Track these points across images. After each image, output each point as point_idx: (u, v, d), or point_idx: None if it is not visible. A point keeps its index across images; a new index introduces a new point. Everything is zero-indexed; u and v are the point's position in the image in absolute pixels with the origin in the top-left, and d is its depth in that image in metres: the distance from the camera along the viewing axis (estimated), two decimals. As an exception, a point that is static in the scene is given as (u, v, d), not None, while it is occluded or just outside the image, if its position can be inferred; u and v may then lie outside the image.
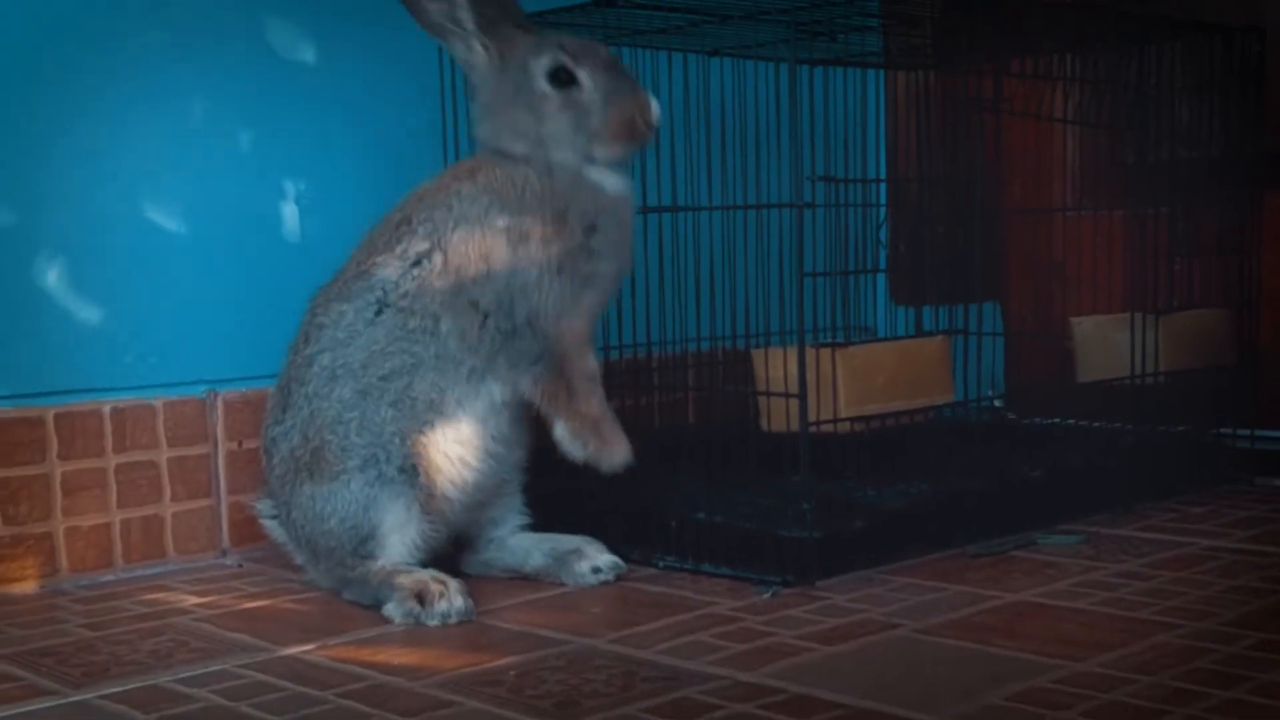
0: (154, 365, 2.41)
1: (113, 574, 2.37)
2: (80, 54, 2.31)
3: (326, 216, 2.58)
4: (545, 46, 2.13)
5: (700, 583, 2.21)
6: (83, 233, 2.33)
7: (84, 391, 2.31)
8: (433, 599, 2.01)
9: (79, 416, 2.32)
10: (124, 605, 2.19)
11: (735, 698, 1.66)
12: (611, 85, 2.12)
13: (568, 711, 1.64)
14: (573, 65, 2.11)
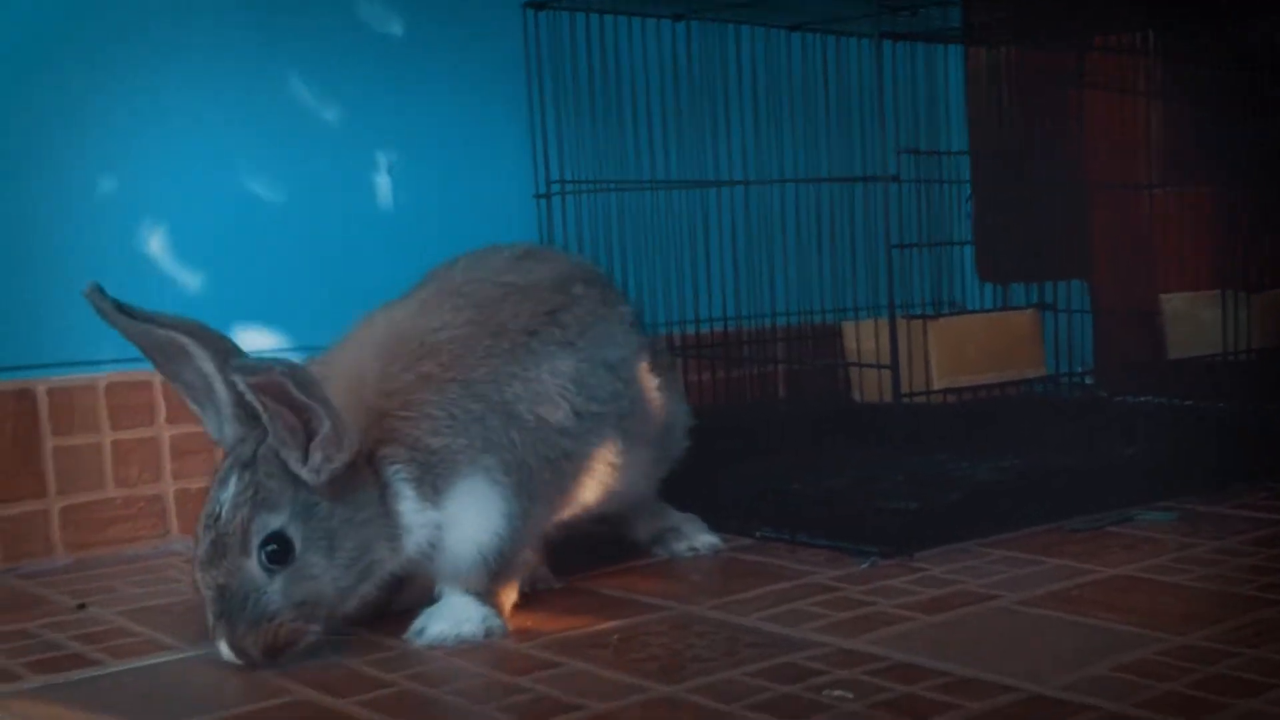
0: (252, 331, 2.46)
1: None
2: (184, 32, 2.37)
3: (416, 187, 2.62)
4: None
5: (797, 553, 2.23)
6: (183, 202, 2.39)
7: (192, 356, 2.36)
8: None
9: (187, 381, 2.38)
10: (231, 566, 2.24)
11: (839, 664, 1.68)
12: None
13: (673, 675, 1.66)
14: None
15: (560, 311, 1.97)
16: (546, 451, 1.88)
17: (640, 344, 2.08)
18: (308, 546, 1.71)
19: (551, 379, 1.91)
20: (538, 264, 2.05)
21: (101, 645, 1.85)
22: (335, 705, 1.59)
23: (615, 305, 2.07)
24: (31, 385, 2.26)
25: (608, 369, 1.98)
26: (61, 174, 2.29)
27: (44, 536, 2.28)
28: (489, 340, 1.89)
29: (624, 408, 2.00)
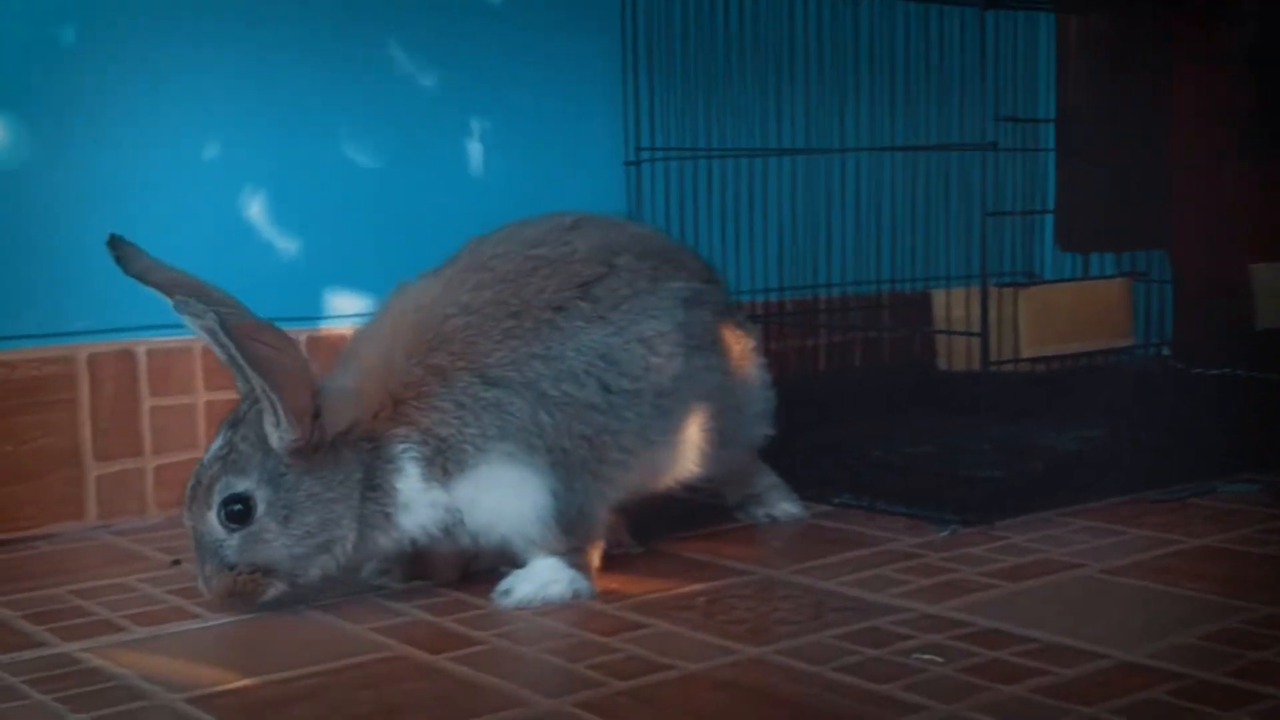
0: (347, 297, 2.50)
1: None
2: (285, 3, 2.41)
3: (508, 154, 2.65)
4: None
5: (877, 520, 2.24)
6: (283, 169, 2.43)
7: (284, 320, 2.37)
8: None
9: (277, 344, 2.43)
10: (320, 526, 2.29)
11: (925, 629, 1.70)
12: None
13: (760, 637, 1.68)
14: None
15: (594, 284, 1.94)
16: (580, 428, 1.87)
17: (690, 319, 2.00)
18: (268, 512, 1.78)
19: (577, 356, 1.89)
20: (583, 234, 2.01)
21: (198, 600, 1.89)
22: (431, 661, 1.63)
23: (666, 279, 2.01)
24: (132, 346, 2.31)
25: (642, 344, 1.94)
26: (165, 140, 2.34)
27: (138, 495, 2.33)
28: (509, 321, 1.88)
29: (663, 384, 1.95)
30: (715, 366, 2.05)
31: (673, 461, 2.02)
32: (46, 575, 2.03)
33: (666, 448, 1.99)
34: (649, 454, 1.96)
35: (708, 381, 2.03)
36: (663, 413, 1.96)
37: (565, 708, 1.47)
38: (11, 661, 1.65)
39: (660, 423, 1.96)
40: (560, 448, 1.85)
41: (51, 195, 2.25)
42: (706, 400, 2.03)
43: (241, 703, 1.50)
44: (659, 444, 1.97)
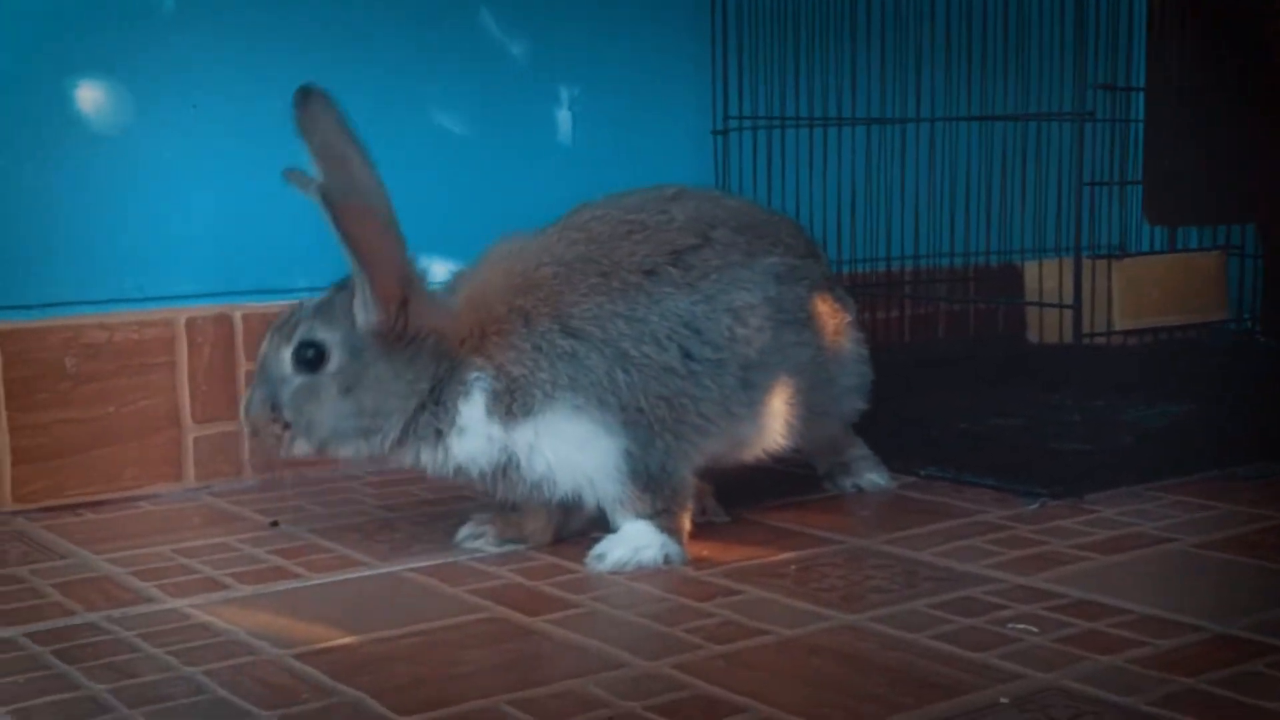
0: (437, 262, 2.52)
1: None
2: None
3: (595, 121, 2.66)
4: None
5: (964, 492, 2.24)
6: (377, 135, 2.44)
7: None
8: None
9: (369, 310, 2.46)
10: (413, 490, 2.32)
11: (1019, 599, 1.70)
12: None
13: (854, 604, 1.70)
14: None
15: (687, 253, 1.96)
16: (658, 389, 1.88)
17: (782, 293, 2.01)
18: (335, 375, 1.84)
19: (661, 320, 1.90)
20: (681, 205, 2.02)
21: (299, 560, 1.93)
22: (530, 622, 1.65)
23: (761, 254, 2.02)
24: (229, 310, 2.36)
25: (729, 314, 1.95)
26: (262, 106, 2.37)
27: (234, 457, 2.38)
28: (596, 278, 1.91)
29: (750, 356, 1.96)
30: (807, 342, 2.05)
31: (758, 434, 2.03)
32: (150, 534, 2.08)
33: (751, 420, 1.99)
34: (731, 425, 1.96)
35: (798, 356, 2.03)
36: (748, 385, 1.96)
37: (664, 670, 1.49)
38: (123, 616, 1.70)
39: (744, 395, 1.96)
40: (635, 406, 1.87)
41: (151, 160, 2.30)
42: (796, 375, 2.03)
43: (347, 659, 1.53)
44: (742, 416, 1.97)
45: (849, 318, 2.16)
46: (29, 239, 2.22)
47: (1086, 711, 1.36)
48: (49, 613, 1.71)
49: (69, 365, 2.23)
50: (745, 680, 1.45)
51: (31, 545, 2.02)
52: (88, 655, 1.55)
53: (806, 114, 2.62)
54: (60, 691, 1.45)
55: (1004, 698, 1.39)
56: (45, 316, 2.22)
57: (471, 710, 1.38)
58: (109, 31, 2.25)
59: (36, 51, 2.20)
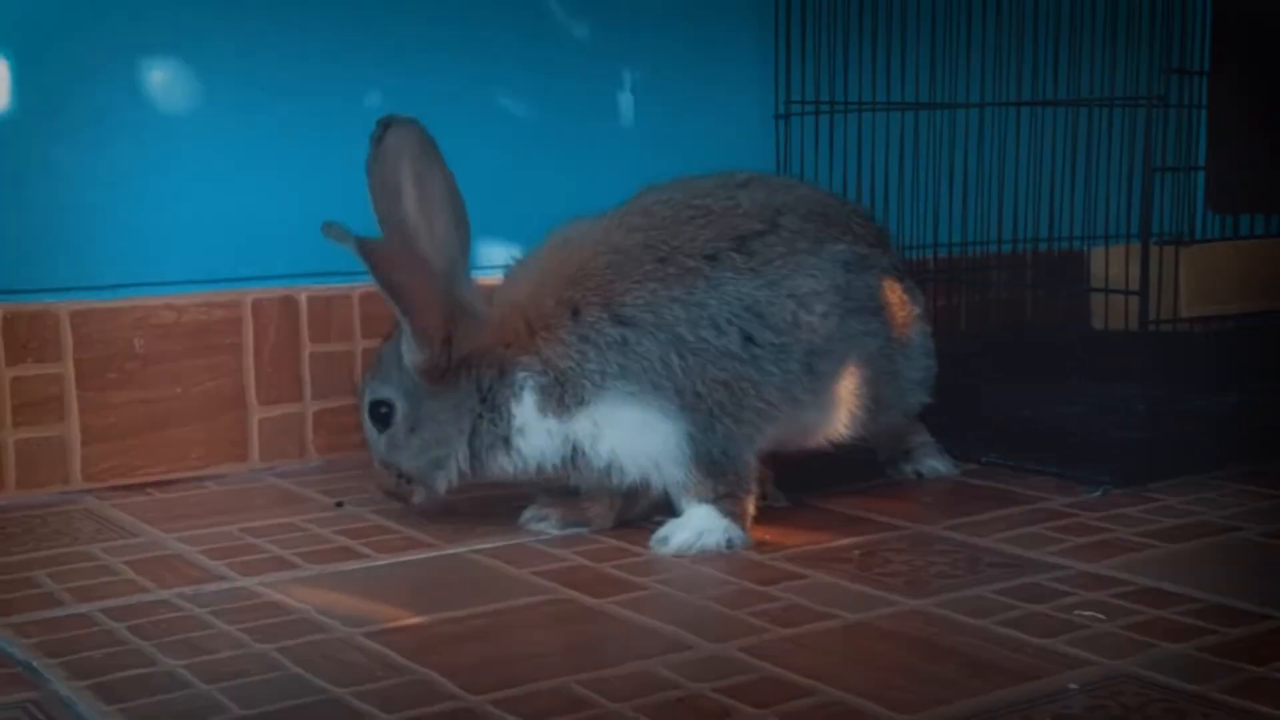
0: (496, 246, 2.54)
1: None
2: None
3: (657, 105, 2.67)
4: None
5: (1026, 479, 2.23)
6: (439, 117, 2.46)
7: (437, 270, 2.46)
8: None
9: (431, 294, 2.48)
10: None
11: (1084, 586, 1.70)
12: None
13: (919, 589, 1.70)
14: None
15: (752, 239, 1.95)
16: (716, 373, 1.88)
17: (849, 281, 2.00)
18: (402, 421, 1.95)
19: (720, 304, 1.90)
20: (750, 191, 2.02)
21: (365, 540, 1.95)
22: (597, 604, 1.66)
23: (830, 241, 2.01)
24: (294, 293, 2.38)
25: (794, 300, 1.94)
26: (328, 89, 2.39)
27: (299, 439, 2.41)
28: (652, 264, 1.91)
29: (815, 343, 1.95)
30: (874, 331, 2.05)
31: (822, 421, 2.03)
32: (218, 513, 2.10)
33: (815, 407, 1.99)
34: (795, 411, 1.96)
35: (865, 346, 2.03)
36: (812, 372, 1.96)
37: (731, 652, 1.50)
38: (195, 593, 1.72)
39: (809, 381, 1.96)
40: (693, 391, 1.87)
41: (219, 143, 2.32)
42: (863, 364, 2.03)
43: (417, 639, 1.55)
44: (806, 403, 1.97)
45: (917, 310, 2.15)
46: (99, 222, 2.25)
47: (1157, 699, 1.35)
48: (123, 589, 1.74)
49: (137, 346, 2.26)
50: (812, 663, 1.46)
51: (102, 523, 2.05)
52: (163, 631, 1.58)
53: (870, 99, 2.61)
54: (138, 666, 1.47)
55: (1073, 684, 1.39)
56: (115, 298, 2.25)
57: (542, 690, 1.39)
58: (177, 13, 2.27)
59: (105, 35, 2.23)
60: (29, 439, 2.19)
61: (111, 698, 1.39)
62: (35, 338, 2.18)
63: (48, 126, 2.20)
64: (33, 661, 1.49)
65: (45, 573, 1.81)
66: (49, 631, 1.58)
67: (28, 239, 2.20)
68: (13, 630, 1.59)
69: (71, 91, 2.21)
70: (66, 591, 1.73)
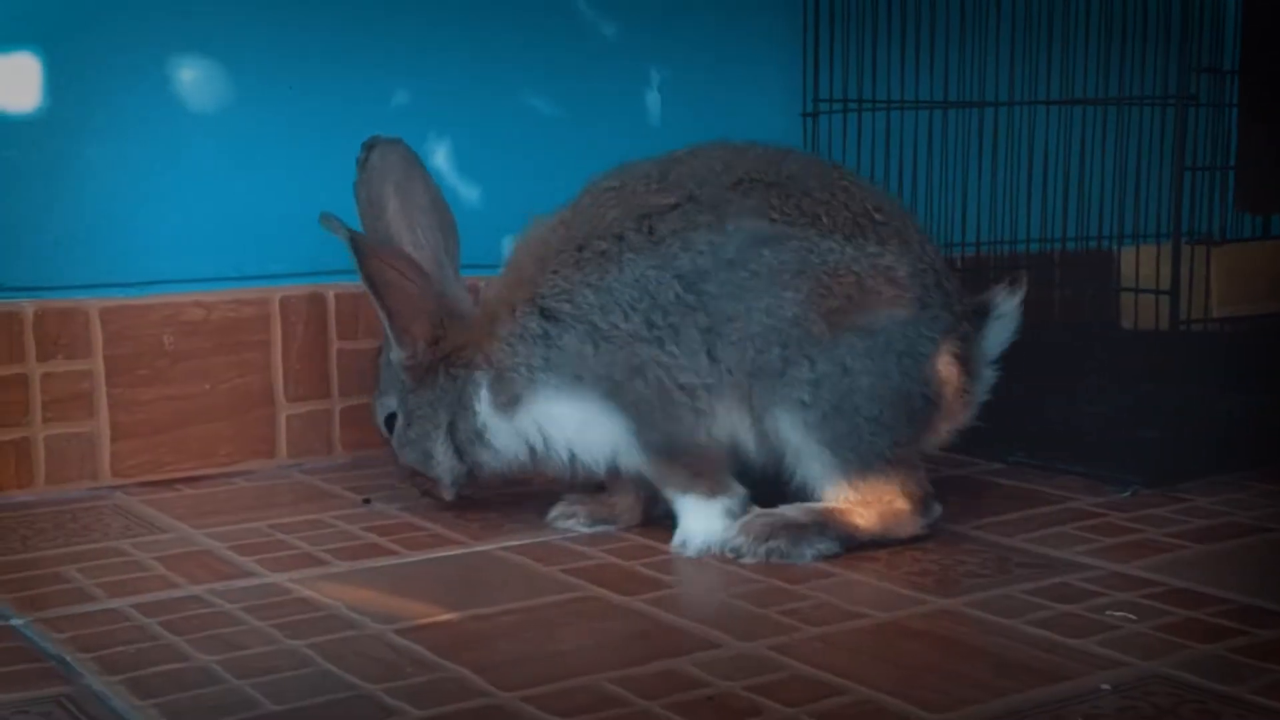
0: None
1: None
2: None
3: (685, 102, 2.67)
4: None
5: (1054, 479, 2.23)
6: (467, 116, 2.48)
7: (465, 267, 2.45)
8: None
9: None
10: (500, 469, 2.34)
11: (1115, 587, 1.69)
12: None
13: (949, 588, 1.69)
14: None
15: (657, 215, 1.87)
16: (630, 360, 1.84)
17: (757, 257, 1.83)
18: (402, 421, 2.01)
19: (623, 288, 1.85)
20: (690, 163, 1.93)
21: (393, 537, 1.96)
22: (626, 602, 1.67)
23: (746, 216, 1.84)
24: (323, 290, 2.39)
25: (679, 280, 1.83)
26: (355, 89, 2.40)
27: (326, 435, 2.41)
28: (572, 252, 1.89)
29: (708, 324, 1.83)
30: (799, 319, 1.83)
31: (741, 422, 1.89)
32: (246, 510, 2.11)
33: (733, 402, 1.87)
34: (717, 402, 1.86)
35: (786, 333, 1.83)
36: (712, 357, 1.85)
37: (760, 650, 1.49)
38: (226, 589, 1.73)
39: (711, 367, 1.85)
40: (611, 380, 1.85)
41: (248, 140, 2.33)
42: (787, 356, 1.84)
43: (447, 636, 1.55)
44: (720, 393, 1.86)
45: (907, 313, 1.87)
46: (129, 219, 2.26)
47: (1189, 699, 1.35)
48: (153, 585, 1.75)
49: (166, 343, 2.27)
50: (843, 662, 1.46)
51: (132, 519, 2.06)
52: (194, 627, 1.59)
53: (898, 97, 2.60)
54: (170, 662, 1.48)
55: (1105, 684, 1.39)
56: (144, 294, 2.26)
57: (574, 688, 1.40)
58: (208, 12, 2.28)
59: (133, 33, 2.23)
60: (59, 435, 2.20)
61: (145, 693, 1.40)
62: (66, 334, 2.19)
63: (78, 124, 2.21)
64: (65, 656, 1.50)
65: (76, 568, 1.82)
66: (81, 626, 1.59)
67: (58, 236, 2.21)
68: (45, 625, 1.60)
69: (101, 90, 2.22)
70: (98, 587, 1.74)
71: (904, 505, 1.86)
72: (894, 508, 1.86)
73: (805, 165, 1.95)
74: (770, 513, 1.86)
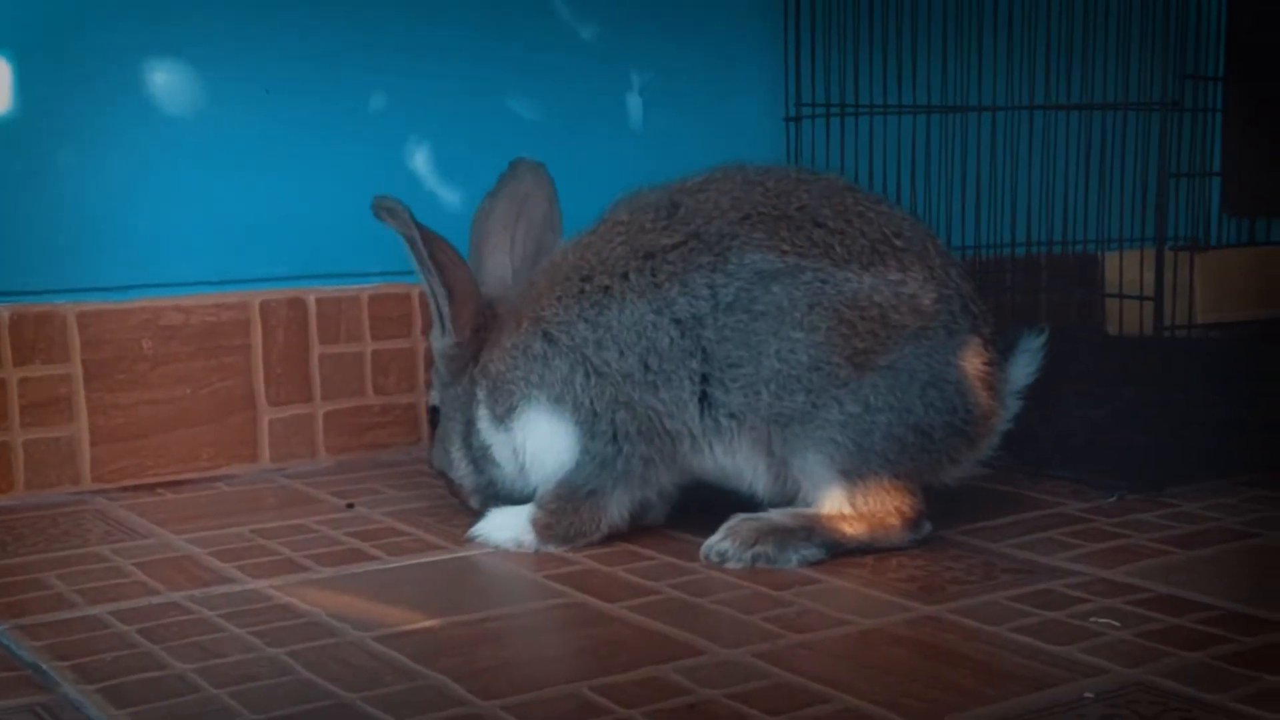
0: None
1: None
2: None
3: (666, 106, 2.66)
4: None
5: (1040, 484, 2.22)
6: (448, 120, 2.47)
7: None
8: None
9: (441, 295, 2.47)
10: (484, 474, 2.33)
11: (1101, 593, 1.68)
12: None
13: (934, 595, 1.69)
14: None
15: (659, 255, 1.86)
16: (616, 394, 1.85)
17: (754, 299, 1.82)
18: (441, 420, 2.03)
19: (621, 329, 1.85)
20: (700, 196, 1.90)
21: (376, 542, 1.95)
22: (609, 609, 1.65)
23: (749, 250, 1.83)
24: (303, 295, 2.37)
25: (676, 325, 1.84)
26: (334, 91, 2.38)
27: (309, 439, 2.40)
28: (578, 281, 1.89)
29: (705, 369, 1.83)
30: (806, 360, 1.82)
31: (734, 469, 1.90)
32: (228, 515, 2.10)
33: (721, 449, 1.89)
34: (698, 451, 1.88)
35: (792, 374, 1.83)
36: (707, 401, 1.85)
37: (744, 658, 1.48)
38: (205, 595, 1.71)
39: (702, 413, 1.86)
40: (590, 409, 1.86)
41: (226, 145, 2.31)
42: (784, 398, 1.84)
43: (430, 643, 1.54)
44: (706, 439, 1.88)
45: (893, 355, 1.84)
46: (107, 223, 2.24)
47: (1173, 708, 1.34)
48: (132, 591, 1.73)
49: (146, 347, 2.26)
50: (827, 670, 1.45)
51: (112, 524, 2.05)
52: (173, 634, 1.57)
53: (881, 101, 2.59)
54: (148, 670, 1.47)
55: (1089, 692, 1.38)
56: (124, 299, 2.24)
57: (555, 696, 1.38)
58: (183, 15, 2.27)
59: (111, 36, 2.22)
60: (38, 439, 2.18)
61: (121, 701, 1.38)
62: (43, 339, 2.18)
63: (55, 128, 2.19)
64: (42, 664, 1.49)
65: (55, 574, 1.80)
66: (59, 634, 1.58)
67: (35, 240, 2.20)
68: (22, 632, 1.58)
69: (78, 93, 2.20)
70: (76, 593, 1.72)
71: (895, 521, 1.86)
72: (885, 522, 1.85)
73: (821, 194, 1.90)
74: (757, 517, 1.85)
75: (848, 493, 1.83)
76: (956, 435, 1.86)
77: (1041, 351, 1.98)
